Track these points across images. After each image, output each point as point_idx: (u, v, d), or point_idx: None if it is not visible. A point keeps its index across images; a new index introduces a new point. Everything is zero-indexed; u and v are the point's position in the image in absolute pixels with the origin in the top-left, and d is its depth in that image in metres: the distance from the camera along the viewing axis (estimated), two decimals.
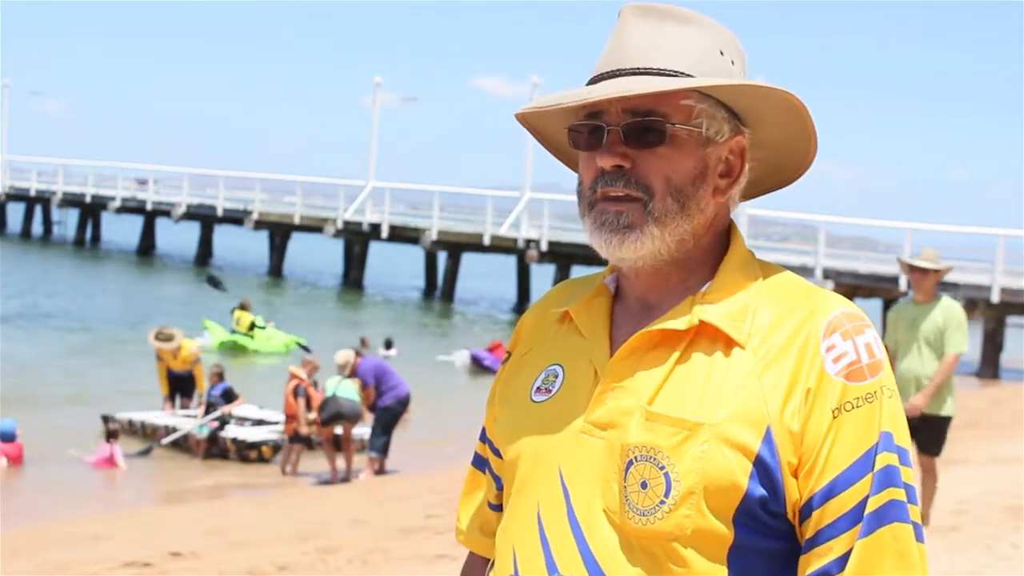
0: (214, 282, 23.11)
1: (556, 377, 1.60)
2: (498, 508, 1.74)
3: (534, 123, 1.68)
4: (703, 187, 1.54)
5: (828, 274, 26.56)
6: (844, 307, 1.51)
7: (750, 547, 1.46)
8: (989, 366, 24.63)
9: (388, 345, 21.56)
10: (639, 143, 1.51)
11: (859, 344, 1.48)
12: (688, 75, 1.53)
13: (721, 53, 1.56)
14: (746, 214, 29.90)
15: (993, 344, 24.81)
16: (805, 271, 26.70)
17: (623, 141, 1.51)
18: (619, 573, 1.46)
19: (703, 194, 1.54)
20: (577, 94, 1.52)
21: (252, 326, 21.73)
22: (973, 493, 9.34)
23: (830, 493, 1.44)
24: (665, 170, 1.52)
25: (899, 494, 1.45)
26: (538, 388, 1.61)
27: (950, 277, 26.44)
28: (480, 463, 1.79)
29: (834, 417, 1.45)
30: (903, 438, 1.48)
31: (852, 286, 26.98)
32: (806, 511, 1.46)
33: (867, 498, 1.44)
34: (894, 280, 26.00)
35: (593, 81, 1.57)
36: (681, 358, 1.51)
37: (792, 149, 1.64)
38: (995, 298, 24.42)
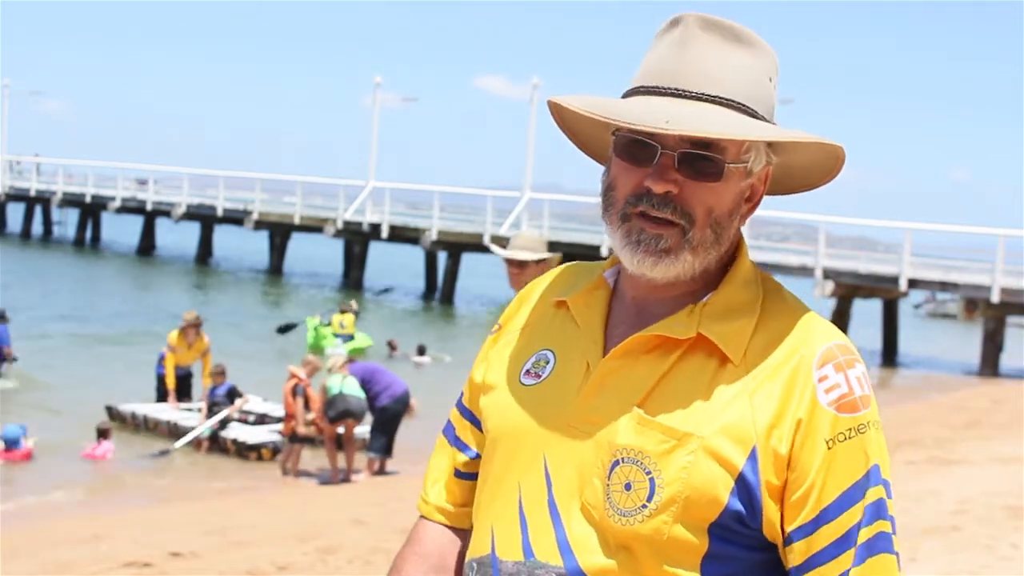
0: (285, 328, 23.24)
1: (547, 363, 1.62)
2: (466, 476, 1.74)
3: (564, 110, 1.65)
4: (737, 217, 1.57)
5: (828, 274, 26.53)
6: (837, 339, 1.54)
7: (724, 555, 1.49)
8: (989, 366, 24.63)
9: (421, 351, 21.48)
10: (692, 173, 1.51)
11: (851, 377, 1.51)
12: (748, 107, 1.53)
13: (769, 79, 1.57)
14: None
15: (993, 344, 24.81)
16: (805, 271, 26.70)
17: (676, 167, 1.51)
18: (592, 564, 1.49)
19: (736, 223, 1.57)
20: (652, 117, 1.47)
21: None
22: (973, 493, 9.35)
23: (820, 521, 1.48)
24: (710, 202, 1.52)
25: (886, 526, 1.50)
26: (527, 371, 1.63)
27: (951, 277, 26.47)
28: (448, 429, 1.79)
29: (828, 448, 1.48)
30: (887, 471, 1.52)
31: (852, 286, 26.97)
32: (794, 537, 1.49)
33: (858, 528, 1.48)
34: (894, 280, 25.99)
35: (648, 92, 1.54)
36: (675, 366, 1.53)
37: (804, 176, 1.65)
38: (995, 298, 24.41)
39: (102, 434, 12.53)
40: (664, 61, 1.55)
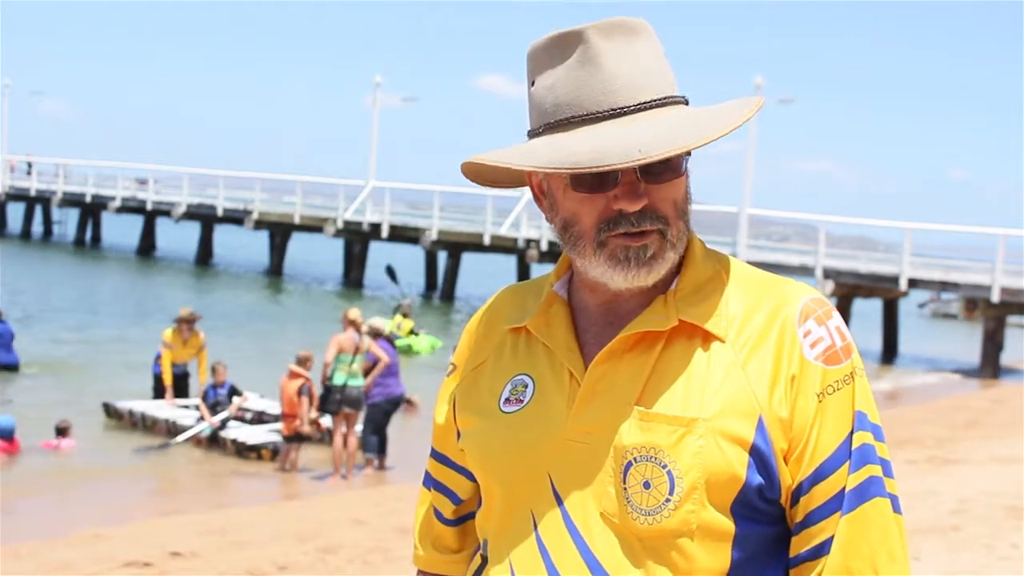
0: (391, 273, 25.54)
1: (525, 387, 1.59)
2: (454, 523, 1.75)
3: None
4: (691, 199, 1.57)
5: (828, 274, 26.52)
6: (811, 293, 1.56)
7: (748, 535, 1.49)
8: (989, 366, 24.63)
9: None
10: (656, 179, 1.50)
11: (831, 328, 1.53)
12: (678, 97, 1.53)
13: (663, 54, 1.56)
14: (746, 214, 29.89)
15: (993, 344, 24.81)
16: (805, 271, 26.68)
17: (640, 180, 1.49)
18: (624, 572, 1.48)
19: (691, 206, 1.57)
20: (621, 152, 1.42)
21: (411, 331, 23.04)
22: (973, 493, 9.35)
23: (819, 477, 1.49)
24: (674, 196, 1.52)
25: (876, 470, 1.50)
26: (507, 399, 1.60)
27: (951, 277, 26.46)
28: (427, 479, 1.79)
29: (819, 401, 1.49)
30: (875, 416, 1.54)
31: (852, 286, 26.96)
32: (796, 495, 1.50)
33: (849, 477, 1.49)
34: (894, 280, 25.98)
35: (583, 121, 1.50)
36: (660, 356, 1.52)
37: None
38: (995, 298, 24.41)
39: (61, 432, 12.61)
40: (583, 84, 1.50)
